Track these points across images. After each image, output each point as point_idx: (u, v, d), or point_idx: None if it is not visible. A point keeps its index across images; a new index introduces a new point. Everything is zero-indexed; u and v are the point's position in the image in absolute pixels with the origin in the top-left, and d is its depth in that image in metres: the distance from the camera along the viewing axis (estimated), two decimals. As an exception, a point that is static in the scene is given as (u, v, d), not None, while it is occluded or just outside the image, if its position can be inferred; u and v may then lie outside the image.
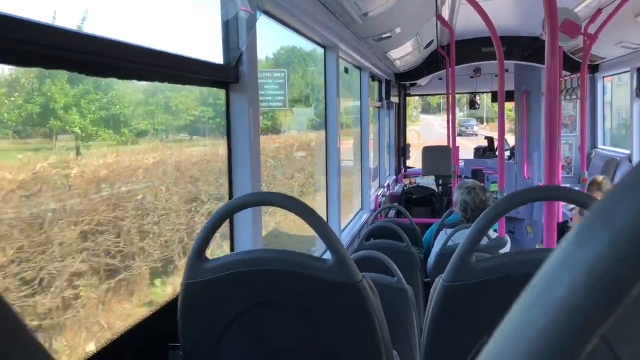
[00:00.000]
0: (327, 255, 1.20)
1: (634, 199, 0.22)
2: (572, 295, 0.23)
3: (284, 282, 1.19)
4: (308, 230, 1.23)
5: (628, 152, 5.79)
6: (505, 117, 4.17)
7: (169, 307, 1.51)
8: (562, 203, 4.43)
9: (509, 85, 7.76)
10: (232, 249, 1.96)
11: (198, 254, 1.23)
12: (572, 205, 5.25)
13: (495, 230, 3.41)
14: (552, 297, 0.23)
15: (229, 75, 1.88)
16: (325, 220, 3.69)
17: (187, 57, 1.65)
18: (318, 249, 3.81)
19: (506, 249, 3.34)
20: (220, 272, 1.21)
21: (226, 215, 1.25)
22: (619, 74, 6.32)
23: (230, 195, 1.94)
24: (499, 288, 1.13)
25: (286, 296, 1.20)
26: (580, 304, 0.23)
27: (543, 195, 1.44)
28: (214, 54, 1.88)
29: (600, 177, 4.66)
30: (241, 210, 1.26)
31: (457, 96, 6.56)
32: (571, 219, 5.05)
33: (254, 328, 1.23)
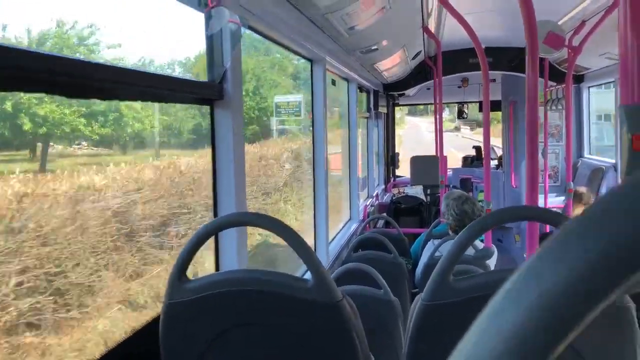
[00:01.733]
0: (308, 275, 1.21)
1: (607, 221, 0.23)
2: (520, 330, 0.23)
3: (265, 303, 1.20)
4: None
5: (613, 161, 5.86)
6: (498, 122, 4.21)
7: (150, 328, 1.51)
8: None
9: (497, 95, 7.83)
10: (216, 267, 1.96)
11: (179, 274, 1.23)
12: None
13: (481, 241, 3.43)
14: (519, 305, 0.24)
15: (213, 92, 1.89)
16: (313, 231, 3.73)
17: (170, 75, 1.67)
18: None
19: (493, 259, 3.36)
20: (202, 293, 1.22)
21: (207, 235, 1.26)
22: (604, 84, 6.40)
23: (215, 213, 1.95)
24: (478, 307, 1.14)
25: (267, 316, 1.21)
26: (547, 310, 0.23)
27: (518, 216, 1.46)
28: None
29: (582, 189, 4.72)
30: (222, 231, 1.27)
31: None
32: (552, 232, 5.09)
33: (236, 348, 1.24)
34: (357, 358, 1.20)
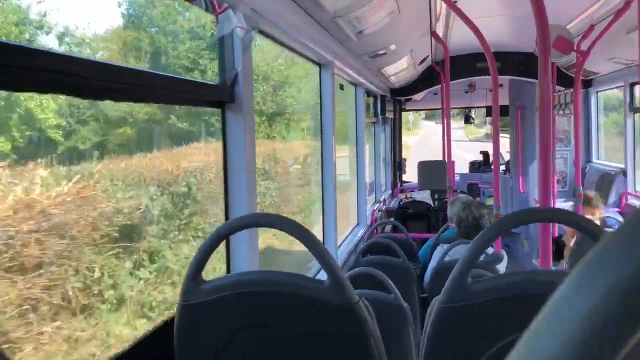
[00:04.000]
0: (323, 275, 1.20)
1: (628, 254, 0.22)
2: (564, 351, 0.23)
3: (280, 304, 1.19)
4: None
5: (622, 166, 5.83)
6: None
7: (165, 329, 1.51)
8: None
9: (504, 100, 7.81)
10: (228, 269, 1.96)
11: (194, 275, 1.23)
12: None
13: (491, 246, 3.41)
14: (545, 353, 0.23)
15: (224, 95, 1.89)
16: (322, 236, 3.71)
17: (182, 77, 1.67)
18: (316, 263, 3.81)
19: (503, 264, 3.34)
20: (217, 294, 1.21)
21: (223, 236, 1.25)
22: (612, 88, 6.37)
23: (227, 215, 1.94)
24: (496, 309, 1.13)
25: (282, 318, 1.20)
26: (600, 329, 0.22)
27: (539, 217, 1.45)
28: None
29: (591, 193, 4.69)
30: (238, 232, 1.27)
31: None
32: (561, 235, 5.07)
33: (250, 350, 1.23)
34: None
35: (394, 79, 6.23)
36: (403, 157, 9.47)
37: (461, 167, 9.42)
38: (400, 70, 5.74)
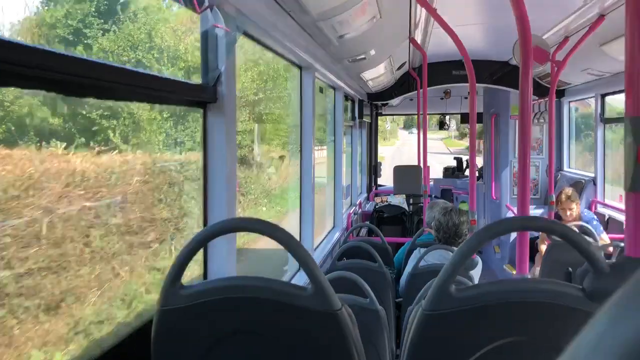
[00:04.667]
0: (299, 278, 1.19)
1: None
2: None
3: (262, 310, 1.18)
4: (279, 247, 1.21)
5: (593, 174, 5.96)
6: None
7: (141, 334, 1.48)
8: None
9: (478, 108, 7.92)
10: (205, 275, 1.93)
11: (173, 280, 1.20)
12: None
13: None
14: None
15: (207, 95, 1.86)
16: (299, 238, 3.70)
17: (164, 76, 1.64)
18: (290, 267, 3.79)
19: (477, 269, 3.38)
20: (197, 300, 1.19)
21: (203, 241, 1.23)
22: (584, 99, 6.52)
23: (205, 219, 1.91)
24: (479, 317, 1.13)
25: (264, 324, 1.19)
26: None
27: (526, 226, 1.46)
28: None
29: (569, 190, 4.83)
30: (220, 236, 1.25)
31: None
32: (536, 237, 5.17)
33: (230, 356, 1.21)
34: None
35: (371, 83, 6.27)
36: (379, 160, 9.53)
37: (437, 173, 9.52)
38: (378, 75, 5.78)
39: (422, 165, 6.00)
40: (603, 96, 5.73)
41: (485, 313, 1.12)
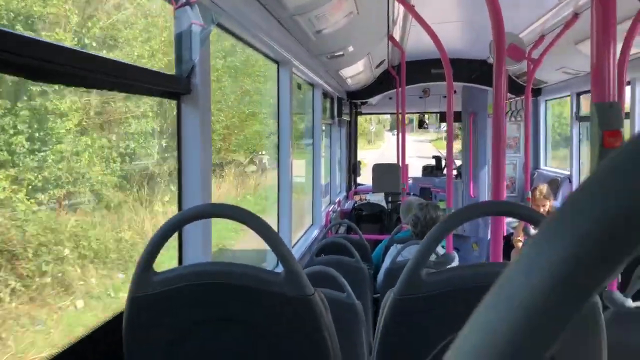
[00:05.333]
0: (279, 268, 1.19)
1: (596, 203, 0.22)
2: (532, 298, 0.23)
3: (234, 296, 1.17)
4: (259, 244, 1.21)
5: (568, 172, 6.05)
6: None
7: (113, 322, 1.46)
8: (506, 220, 4.59)
9: (457, 106, 7.99)
10: (180, 261, 1.92)
11: (145, 266, 1.19)
12: (515, 223, 5.43)
13: (442, 247, 3.47)
14: (512, 301, 0.23)
15: (180, 86, 1.85)
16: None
17: (138, 66, 1.62)
18: (269, 264, 3.78)
19: (454, 265, 3.41)
20: (169, 286, 1.18)
21: (176, 226, 1.22)
22: (560, 97, 6.61)
23: (180, 206, 1.91)
24: (449, 301, 1.14)
25: (236, 310, 1.18)
26: (540, 307, 0.23)
27: (493, 210, 1.48)
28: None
29: (543, 187, 4.91)
30: (192, 222, 1.24)
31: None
32: (512, 234, 5.23)
33: (203, 343, 1.20)
34: (328, 353, 1.18)
35: (350, 81, 6.28)
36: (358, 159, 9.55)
37: (416, 171, 9.55)
38: (357, 72, 5.79)
39: (400, 163, 6.03)
40: (578, 95, 5.82)
41: (457, 297, 1.13)
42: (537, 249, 0.23)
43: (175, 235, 1.86)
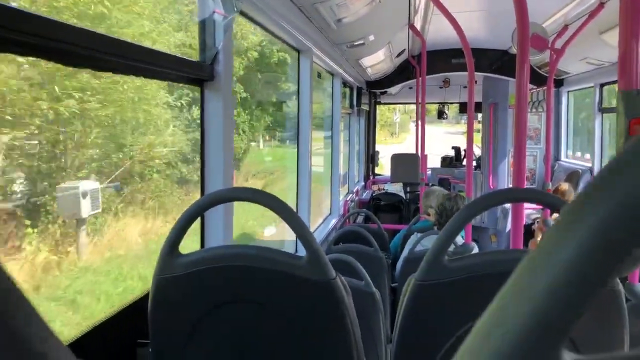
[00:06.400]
0: (301, 252, 1.20)
1: (618, 188, 0.22)
2: (547, 295, 0.23)
3: (257, 279, 1.19)
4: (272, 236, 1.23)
5: (590, 164, 5.97)
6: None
7: (138, 303, 1.49)
8: (525, 212, 4.56)
9: (477, 97, 7.91)
10: (202, 244, 1.95)
11: (171, 248, 1.21)
12: (535, 216, 5.38)
13: (461, 237, 3.47)
14: (526, 298, 0.24)
15: (204, 73, 1.88)
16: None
17: (163, 52, 1.64)
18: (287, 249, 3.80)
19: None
20: (194, 268, 1.20)
21: (200, 210, 1.24)
22: (583, 89, 6.52)
23: (202, 190, 1.94)
24: (470, 287, 1.15)
25: (259, 293, 1.20)
26: (563, 286, 0.23)
27: (515, 197, 1.48)
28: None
29: (565, 185, 4.85)
30: (216, 205, 1.26)
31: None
32: (533, 228, 5.19)
33: (226, 325, 1.23)
34: (349, 338, 1.20)
35: (370, 70, 6.25)
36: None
37: (435, 162, 9.48)
38: (377, 62, 5.76)
39: (420, 153, 6.00)
40: (602, 86, 5.73)
41: (478, 283, 1.14)
42: (558, 232, 0.24)
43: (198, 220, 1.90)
